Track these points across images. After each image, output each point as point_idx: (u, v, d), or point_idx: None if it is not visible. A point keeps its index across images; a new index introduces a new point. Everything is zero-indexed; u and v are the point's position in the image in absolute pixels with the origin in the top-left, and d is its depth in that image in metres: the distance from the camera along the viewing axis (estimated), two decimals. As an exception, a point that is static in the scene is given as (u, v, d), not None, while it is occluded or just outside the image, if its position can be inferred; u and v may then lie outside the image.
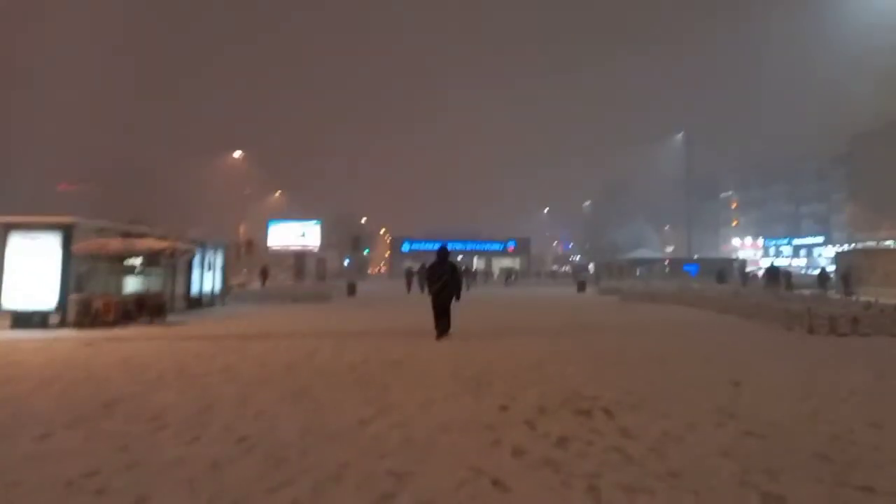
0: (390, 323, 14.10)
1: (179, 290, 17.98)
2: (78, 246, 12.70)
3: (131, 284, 14.98)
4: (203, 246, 19.87)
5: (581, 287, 32.34)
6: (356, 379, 6.77)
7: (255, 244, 35.22)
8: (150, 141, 59.80)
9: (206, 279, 20.09)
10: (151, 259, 15.04)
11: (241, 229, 53.97)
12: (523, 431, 4.66)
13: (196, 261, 19.16)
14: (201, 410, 5.27)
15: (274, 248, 57.62)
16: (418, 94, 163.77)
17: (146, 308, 14.14)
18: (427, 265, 11.71)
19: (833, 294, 23.89)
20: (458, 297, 10.61)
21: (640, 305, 21.13)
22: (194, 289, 19.00)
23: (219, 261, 21.15)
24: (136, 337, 11.09)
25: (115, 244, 13.01)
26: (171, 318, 14.96)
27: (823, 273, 30.01)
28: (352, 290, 28.77)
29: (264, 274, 32.61)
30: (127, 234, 14.59)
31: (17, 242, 12.65)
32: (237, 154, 57.71)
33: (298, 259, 50.72)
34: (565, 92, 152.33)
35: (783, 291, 23.15)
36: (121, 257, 13.63)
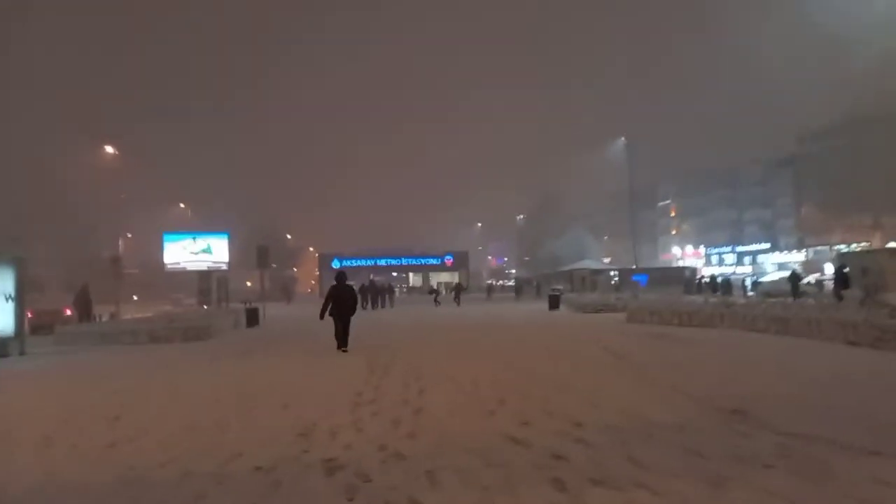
0: (275, 408, 6.57)
1: None
2: None
3: None
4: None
5: (554, 304, 25.55)
6: None
7: (121, 261, 25.89)
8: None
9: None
10: None
11: (120, 244, 43.74)
12: None
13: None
14: None
15: (172, 266, 48.10)
16: (343, 105, 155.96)
17: None
18: (330, 287, 12.33)
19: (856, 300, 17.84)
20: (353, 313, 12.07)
21: (679, 332, 14.45)
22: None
23: (8, 285, 12.80)
24: None
25: None
26: None
27: (796, 277, 27.93)
28: (252, 318, 20.72)
29: (80, 301, 19.99)
30: None
31: None
32: (108, 149, 45.57)
33: (203, 279, 42.51)
34: (493, 105, 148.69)
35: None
36: None
